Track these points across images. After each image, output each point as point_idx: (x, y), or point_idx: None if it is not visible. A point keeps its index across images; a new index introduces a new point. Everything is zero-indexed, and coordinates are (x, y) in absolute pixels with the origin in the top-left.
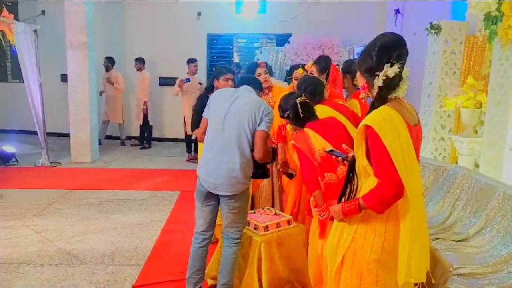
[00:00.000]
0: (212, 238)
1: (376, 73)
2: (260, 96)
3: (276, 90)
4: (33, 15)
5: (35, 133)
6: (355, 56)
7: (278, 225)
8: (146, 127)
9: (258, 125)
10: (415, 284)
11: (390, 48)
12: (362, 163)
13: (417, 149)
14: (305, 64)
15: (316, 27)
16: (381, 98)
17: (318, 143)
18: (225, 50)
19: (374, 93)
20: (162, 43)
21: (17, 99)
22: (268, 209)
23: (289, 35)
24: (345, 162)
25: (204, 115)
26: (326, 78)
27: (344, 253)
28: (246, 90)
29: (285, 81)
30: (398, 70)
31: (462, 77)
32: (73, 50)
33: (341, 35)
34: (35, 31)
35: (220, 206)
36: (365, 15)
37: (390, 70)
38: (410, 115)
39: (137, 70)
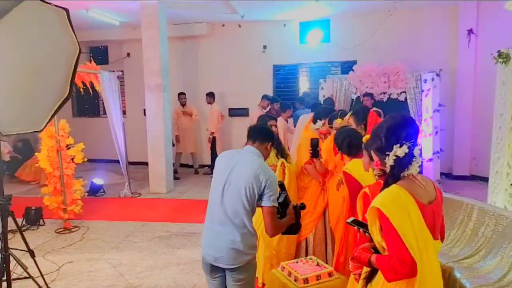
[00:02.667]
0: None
1: (386, 153)
2: (272, 148)
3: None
4: (120, 57)
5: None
6: (423, 83)
7: (318, 277)
8: (214, 156)
9: (260, 199)
10: None
11: (398, 129)
12: (377, 239)
13: (435, 226)
14: (345, 112)
15: (382, 53)
16: (394, 176)
17: None
18: (290, 80)
19: (387, 171)
20: (231, 77)
21: (106, 132)
22: (311, 259)
23: (354, 62)
24: (366, 234)
25: None
26: (365, 129)
27: None
28: (249, 153)
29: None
30: (408, 149)
31: None
32: (151, 92)
33: (409, 61)
34: (118, 76)
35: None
36: (435, 38)
37: (399, 150)
38: (424, 192)
39: (208, 104)
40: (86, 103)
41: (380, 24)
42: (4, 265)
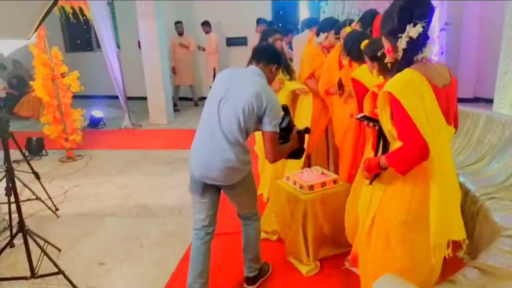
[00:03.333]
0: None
1: (399, 35)
2: (278, 71)
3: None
4: None
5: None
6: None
7: (323, 184)
8: None
9: (260, 123)
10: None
11: (411, 7)
12: (387, 127)
13: (448, 110)
14: (353, 20)
15: None
16: (407, 60)
17: None
18: (290, 5)
19: (400, 56)
20: (228, 4)
21: (101, 67)
22: (316, 168)
23: None
24: (376, 127)
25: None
26: (371, 34)
27: (373, 215)
28: (252, 73)
29: None
30: (422, 29)
31: None
32: (143, 20)
33: None
34: (108, 3)
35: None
36: None
37: (413, 31)
38: (439, 75)
39: (206, 33)
40: (78, 37)
41: None
42: (11, 185)
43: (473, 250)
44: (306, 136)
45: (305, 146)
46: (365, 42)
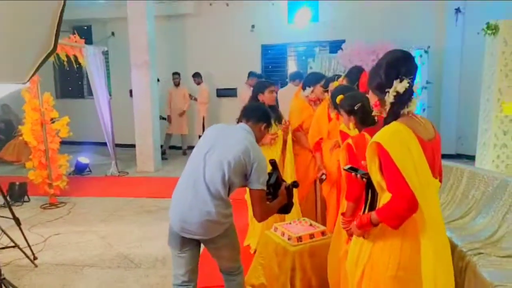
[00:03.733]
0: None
1: (386, 90)
2: (267, 130)
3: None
4: (105, 37)
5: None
6: None
7: (311, 236)
8: None
9: (247, 180)
10: None
11: (398, 65)
12: (376, 178)
13: (434, 164)
14: (340, 75)
15: (370, 31)
16: (394, 114)
17: None
18: (279, 60)
19: (387, 110)
20: (219, 57)
21: (91, 114)
22: (304, 219)
23: (343, 41)
24: (364, 179)
25: None
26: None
27: (362, 268)
28: (241, 129)
29: None
30: (408, 85)
31: None
32: (137, 69)
33: (397, 38)
34: (103, 52)
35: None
36: (423, 15)
37: (399, 86)
38: (424, 129)
39: (197, 84)
40: (69, 84)
41: (369, 2)
42: None
43: None
44: (295, 190)
45: (294, 200)
46: (341, 96)
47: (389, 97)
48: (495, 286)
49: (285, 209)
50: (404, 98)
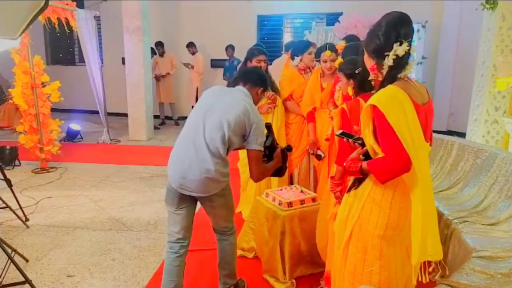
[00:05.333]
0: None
1: (385, 53)
2: (263, 94)
3: (315, 72)
4: (96, 2)
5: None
6: None
7: (302, 202)
8: None
9: (245, 140)
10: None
11: (397, 27)
12: (369, 142)
13: (426, 128)
14: (332, 44)
15: (368, 5)
16: (391, 77)
17: None
18: (275, 31)
19: (384, 73)
20: (214, 27)
21: (82, 81)
22: (295, 186)
23: (340, 14)
24: (356, 144)
25: None
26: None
27: (351, 228)
28: (240, 91)
29: None
30: (408, 48)
31: None
32: (130, 35)
33: None
34: (95, 17)
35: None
36: None
37: (399, 49)
38: (419, 93)
39: (192, 54)
40: (60, 51)
41: None
42: None
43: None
44: (289, 154)
45: (287, 164)
46: (340, 60)
47: (388, 61)
48: (477, 251)
49: (279, 171)
50: (402, 62)
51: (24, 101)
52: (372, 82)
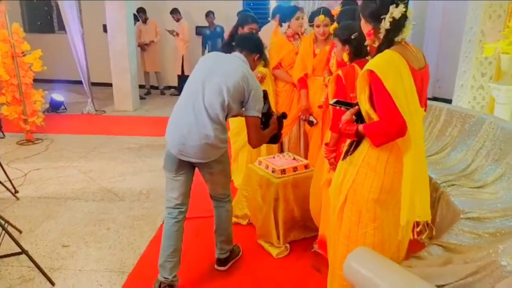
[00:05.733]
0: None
1: (382, 17)
2: (260, 61)
3: (304, 39)
4: None
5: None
6: None
7: (295, 169)
8: (183, 78)
9: (243, 107)
10: (417, 225)
11: None
12: (365, 107)
13: (422, 93)
14: (326, 8)
15: None
16: (388, 41)
17: None
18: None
19: (381, 37)
20: None
21: (63, 50)
22: (288, 154)
23: None
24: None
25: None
26: None
27: (346, 193)
28: (237, 58)
29: None
30: (404, 10)
31: (507, 21)
32: (111, 1)
33: None
34: None
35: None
36: None
37: (396, 11)
38: (415, 58)
39: (176, 21)
40: (38, 18)
41: None
42: None
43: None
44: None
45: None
46: (335, 25)
47: (385, 24)
48: (465, 213)
49: (275, 138)
50: (399, 24)
51: (5, 71)
52: (368, 48)
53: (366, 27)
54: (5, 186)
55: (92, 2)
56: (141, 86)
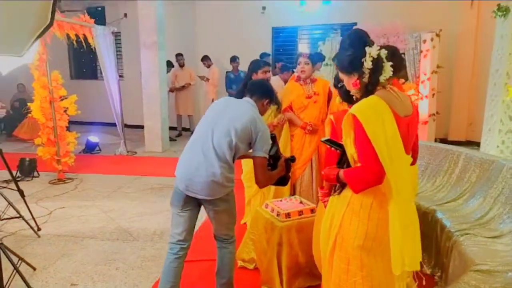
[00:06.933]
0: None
1: (361, 60)
2: (269, 106)
3: (320, 82)
4: (117, 18)
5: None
6: (422, 44)
7: (300, 213)
8: None
9: (250, 147)
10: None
11: (362, 36)
12: (350, 151)
13: (408, 140)
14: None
15: (382, 14)
16: (373, 82)
17: None
18: (290, 43)
19: (366, 79)
20: (229, 40)
21: (103, 95)
22: (295, 197)
23: (354, 24)
24: (338, 151)
25: None
26: None
27: (334, 238)
28: (246, 102)
29: None
30: (378, 48)
31: None
32: (146, 50)
33: (408, 22)
34: (115, 33)
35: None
36: None
37: (372, 50)
38: (401, 105)
39: (207, 67)
40: (84, 65)
41: None
42: None
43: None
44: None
45: (290, 174)
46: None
47: (367, 64)
48: (476, 264)
49: (283, 181)
50: (379, 63)
51: (42, 115)
52: (354, 98)
53: (349, 80)
54: (29, 224)
55: (132, 50)
56: (173, 128)
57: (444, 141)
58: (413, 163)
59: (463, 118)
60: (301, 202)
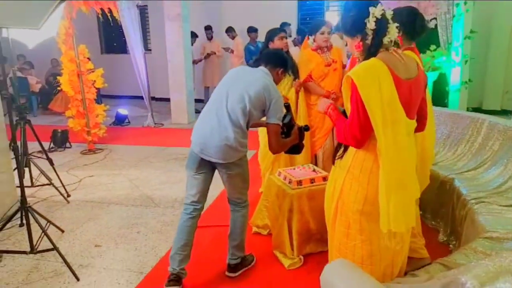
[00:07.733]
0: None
1: (365, 21)
2: (284, 75)
3: (335, 50)
4: None
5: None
6: (455, 8)
7: (312, 180)
8: None
9: (264, 115)
10: None
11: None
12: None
13: (411, 104)
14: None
15: None
16: (376, 43)
17: None
18: (316, 13)
19: (369, 43)
20: (253, 11)
21: (133, 69)
22: (308, 166)
23: None
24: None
25: None
26: None
27: (336, 202)
28: (261, 71)
29: None
30: (382, 9)
31: None
32: (170, 22)
33: None
34: (141, 6)
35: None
36: None
37: (376, 10)
38: (404, 67)
39: (232, 39)
40: (114, 40)
41: None
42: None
43: None
44: (306, 133)
45: (304, 142)
46: None
47: (370, 24)
48: (486, 232)
49: (296, 149)
50: (383, 24)
51: (71, 88)
52: (357, 60)
53: (352, 42)
54: (59, 191)
55: (158, 23)
56: (199, 100)
57: (477, 110)
58: (420, 129)
59: (498, 86)
60: (314, 170)
